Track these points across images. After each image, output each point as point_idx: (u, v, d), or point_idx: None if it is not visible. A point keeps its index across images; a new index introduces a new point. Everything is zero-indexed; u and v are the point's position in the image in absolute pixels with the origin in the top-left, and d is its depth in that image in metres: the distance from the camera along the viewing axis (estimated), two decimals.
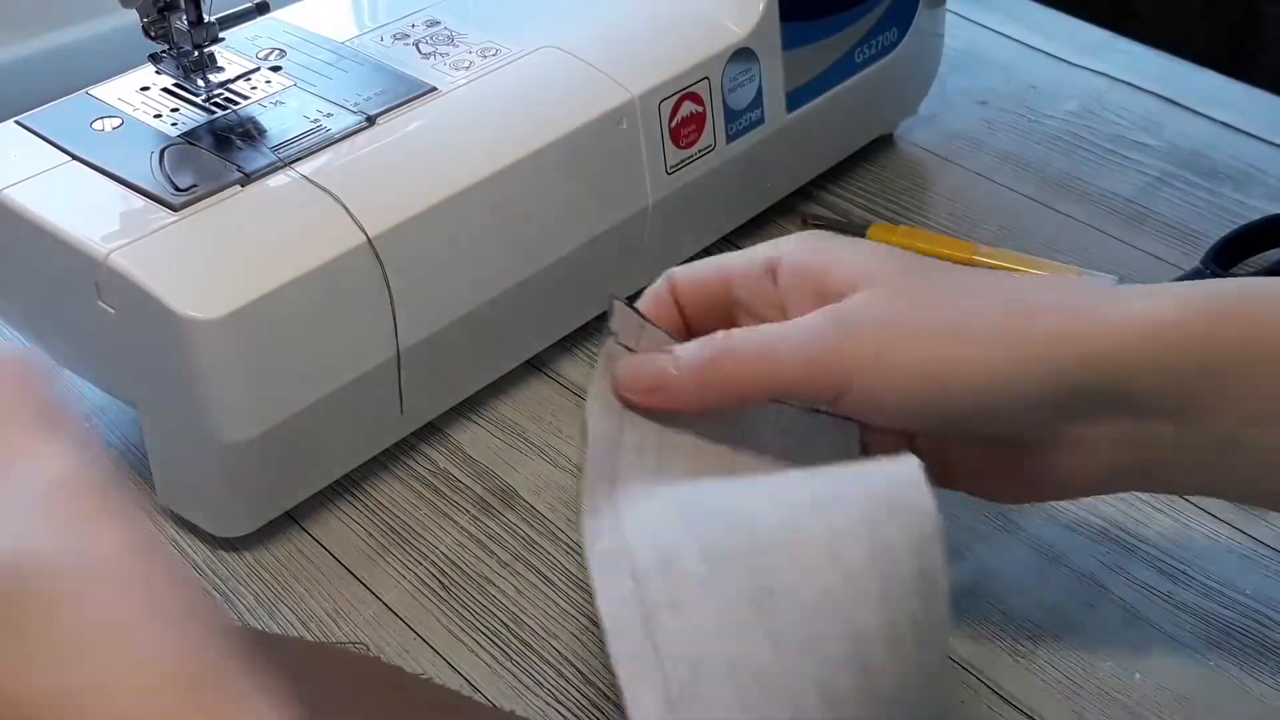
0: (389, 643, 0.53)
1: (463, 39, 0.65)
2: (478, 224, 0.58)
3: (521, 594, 0.54)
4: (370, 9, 0.68)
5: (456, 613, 0.54)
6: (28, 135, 0.58)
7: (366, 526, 0.58)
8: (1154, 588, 0.53)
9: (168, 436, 0.55)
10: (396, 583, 0.55)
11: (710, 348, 0.47)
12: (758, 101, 0.68)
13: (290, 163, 0.56)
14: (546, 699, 0.50)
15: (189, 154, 0.57)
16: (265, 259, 0.53)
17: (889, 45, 0.74)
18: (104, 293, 0.53)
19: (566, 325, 0.65)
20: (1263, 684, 0.50)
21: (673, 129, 0.65)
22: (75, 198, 0.55)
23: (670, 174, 0.65)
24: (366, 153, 0.58)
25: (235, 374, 0.52)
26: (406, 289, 0.56)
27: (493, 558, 0.56)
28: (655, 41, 0.66)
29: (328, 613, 0.54)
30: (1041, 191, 0.76)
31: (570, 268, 0.62)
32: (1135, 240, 0.72)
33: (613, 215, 0.63)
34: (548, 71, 0.63)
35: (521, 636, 0.53)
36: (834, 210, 0.75)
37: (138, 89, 0.61)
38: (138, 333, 0.53)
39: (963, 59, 0.86)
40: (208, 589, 0.55)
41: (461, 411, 0.62)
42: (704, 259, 0.51)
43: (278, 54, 0.63)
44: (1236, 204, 0.74)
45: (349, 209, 0.55)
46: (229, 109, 0.60)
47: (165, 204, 0.54)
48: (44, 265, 0.55)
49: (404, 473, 0.60)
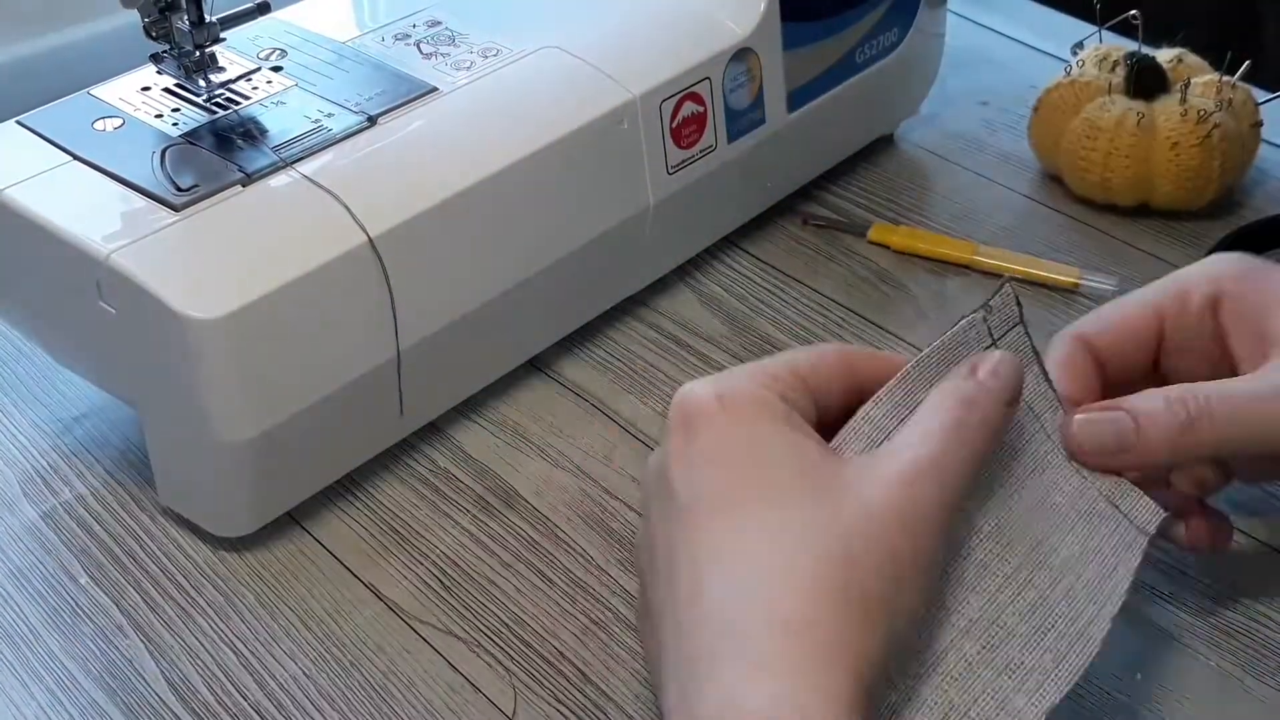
0: (389, 643, 0.53)
1: (464, 39, 0.65)
2: (478, 224, 0.58)
3: (521, 594, 0.54)
4: (371, 9, 0.68)
5: (456, 613, 0.54)
6: (29, 135, 0.58)
7: (367, 526, 0.58)
8: (1155, 588, 0.53)
9: (168, 436, 0.55)
10: (397, 583, 0.55)
11: (1187, 408, 0.45)
12: (758, 101, 0.68)
13: (291, 163, 0.56)
14: (546, 699, 0.50)
15: (190, 154, 0.57)
16: (266, 259, 0.53)
17: (890, 45, 0.74)
18: (105, 293, 0.53)
19: (566, 325, 0.65)
20: (1263, 684, 0.50)
21: (673, 129, 0.65)
22: (76, 198, 0.55)
23: (671, 174, 0.65)
24: (368, 153, 0.58)
25: (236, 374, 0.52)
26: (407, 289, 0.56)
27: (493, 558, 0.56)
28: (656, 41, 0.66)
29: (328, 613, 0.54)
30: (1041, 191, 0.76)
31: (570, 268, 0.62)
32: (1135, 240, 0.72)
33: (613, 215, 0.63)
34: (549, 72, 0.63)
35: (521, 636, 0.53)
36: (834, 210, 0.75)
37: (139, 89, 0.61)
38: (138, 333, 0.53)
39: (963, 59, 0.86)
40: (209, 588, 0.55)
41: (461, 411, 0.62)
42: (1104, 306, 0.51)
43: (279, 54, 0.63)
44: (1237, 204, 0.75)
45: (350, 209, 0.55)
46: (230, 109, 0.60)
47: (166, 204, 0.54)
48: (45, 265, 0.55)
49: (404, 473, 0.60)
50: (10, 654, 0.53)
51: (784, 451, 0.41)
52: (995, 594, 0.44)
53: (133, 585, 0.55)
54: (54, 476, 0.60)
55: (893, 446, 0.42)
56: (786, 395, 0.43)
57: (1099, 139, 0.71)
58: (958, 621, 0.43)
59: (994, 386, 0.44)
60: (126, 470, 0.60)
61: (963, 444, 0.42)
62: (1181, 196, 0.72)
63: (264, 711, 0.50)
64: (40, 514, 0.59)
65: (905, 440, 0.42)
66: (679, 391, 0.43)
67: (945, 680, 0.42)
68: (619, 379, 0.64)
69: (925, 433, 0.42)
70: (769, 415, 0.42)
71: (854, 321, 0.68)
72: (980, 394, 0.43)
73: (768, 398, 0.42)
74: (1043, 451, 0.46)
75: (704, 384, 0.43)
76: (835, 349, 0.46)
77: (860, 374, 0.45)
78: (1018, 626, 0.43)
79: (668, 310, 0.68)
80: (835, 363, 0.45)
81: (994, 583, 0.44)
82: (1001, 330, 0.46)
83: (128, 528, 0.58)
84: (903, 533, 0.40)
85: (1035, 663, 0.43)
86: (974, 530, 0.44)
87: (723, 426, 0.41)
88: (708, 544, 0.40)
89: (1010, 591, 0.44)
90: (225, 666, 0.52)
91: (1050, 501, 0.46)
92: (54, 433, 0.62)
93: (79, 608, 0.54)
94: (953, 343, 0.45)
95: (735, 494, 0.40)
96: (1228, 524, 0.50)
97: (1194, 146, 0.70)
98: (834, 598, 0.38)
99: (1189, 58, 0.74)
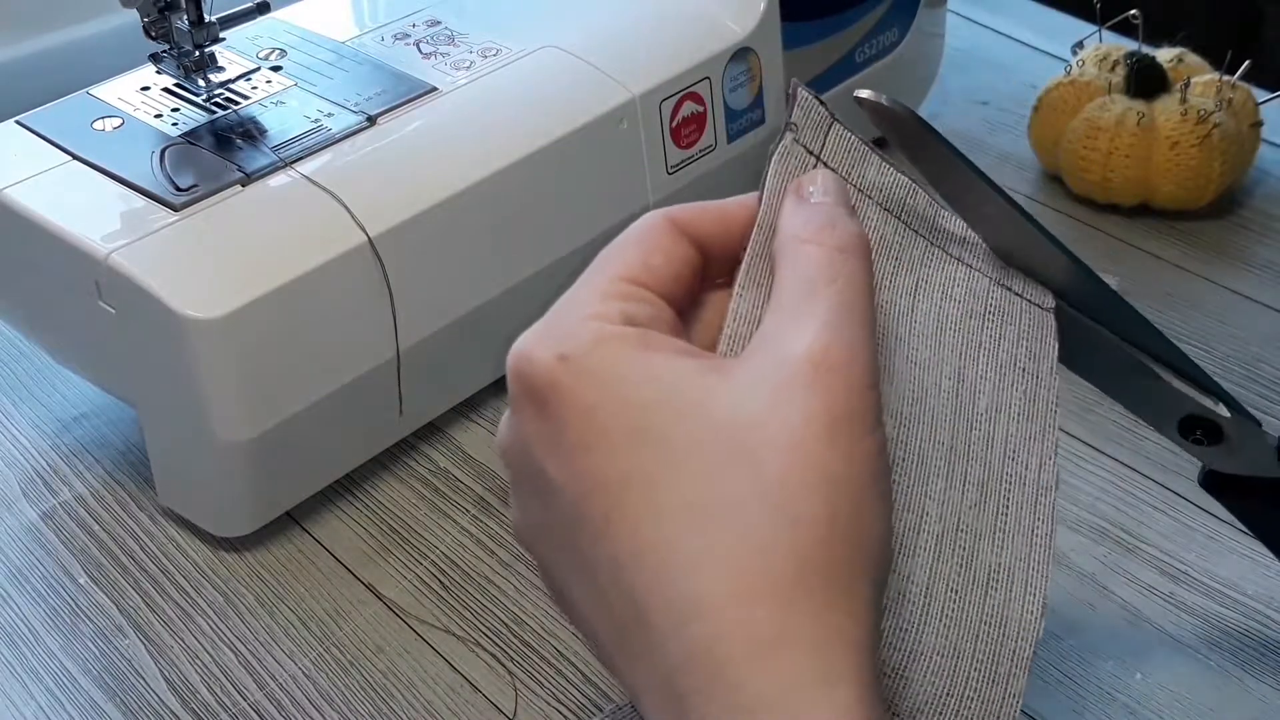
0: (389, 643, 0.53)
1: (463, 39, 0.65)
2: (478, 224, 0.58)
3: (521, 594, 0.54)
4: (371, 9, 0.68)
5: (456, 613, 0.54)
6: (28, 135, 0.58)
7: (367, 526, 0.58)
8: (1155, 588, 0.53)
9: (168, 436, 0.55)
10: (397, 583, 0.55)
11: None
12: (758, 101, 0.68)
13: (291, 163, 0.56)
14: (546, 699, 0.50)
15: (189, 154, 0.57)
16: (265, 259, 0.53)
17: (890, 45, 0.74)
18: (104, 292, 0.53)
19: None
20: (1263, 684, 0.50)
21: (673, 129, 0.65)
22: (76, 198, 0.55)
23: (671, 174, 0.65)
24: (367, 153, 0.58)
25: (235, 374, 0.52)
26: (406, 289, 0.56)
27: (493, 558, 0.56)
28: (656, 41, 0.66)
29: (328, 613, 0.54)
30: (1042, 191, 0.76)
31: (570, 268, 0.62)
32: (1136, 240, 0.72)
33: (613, 215, 0.63)
34: (548, 71, 0.63)
35: (521, 636, 0.53)
36: None
37: (138, 89, 0.61)
38: (138, 332, 0.53)
39: (963, 59, 0.86)
40: (209, 590, 0.55)
41: (461, 411, 0.62)
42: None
43: (278, 54, 0.63)
44: (1237, 204, 0.74)
45: (349, 209, 0.55)
46: (229, 109, 0.60)
47: (166, 204, 0.54)
48: (44, 265, 0.55)
49: (404, 473, 0.60)
50: (10, 654, 0.53)
51: (659, 399, 0.35)
52: (946, 492, 0.40)
53: (132, 585, 0.55)
54: (53, 476, 0.60)
55: (780, 347, 0.35)
56: (630, 315, 0.36)
57: (1099, 139, 0.71)
58: (926, 541, 0.39)
59: (832, 209, 0.38)
60: (126, 470, 0.60)
61: (847, 309, 0.36)
62: (1182, 196, 0.72)
63: (263, 712, 0.50)
64: (40, 514, 0.58)
65: (786, 337, 0.35)
66: (512, 355, 0.37)
67: (944, 623, 0.39)
68: None
69: (799, 315, 0.35)
70: (623, 357, 0.35)
71: None
72: (831, 236, 0.37)
73: (611, 333, 0.36)
74: (918, 255, 0.41)
75: (538, 342, 0.37)
76: (660, 224, 0.38)
77: (702, 239, 0.39)
78: (977, 522, 0.39)
79: None
80: (668, 243, 0.38)
81: (937, 473, 0.40)
82: (819, 142, 0.40)
83: (127, 528, 0.58)
84: (834, 452, 0.34)
85: (1011, 556, 0.40)
86: (896, 400, 0.40)
87: (579, 395, 0.35)
88: (626, 546, 0.34)
89: (958, 479, 0.40)
90: (225, 666, 0.52)
91: (946, 314, 0.41)
92: (53, 433, 0.62)
93: (78, 608, 0.54)
94: (779, 183, 0.39)
95: (632, 477, 0.34)
96: None
97: (1194, 146, 0.70)
98: (793, 562, 0.33)
99: (1189, 57, 0.74)
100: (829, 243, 0.37)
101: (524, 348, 0.37)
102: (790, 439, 0.34)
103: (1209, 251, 0.71)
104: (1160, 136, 0.70)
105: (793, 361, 0.34)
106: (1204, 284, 0.69)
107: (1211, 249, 0.72)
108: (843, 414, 0.34)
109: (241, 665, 0.52)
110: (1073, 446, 0.59)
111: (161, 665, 0.52)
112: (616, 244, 0.39)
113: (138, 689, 0.51)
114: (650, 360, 0.35)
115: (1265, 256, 0.71)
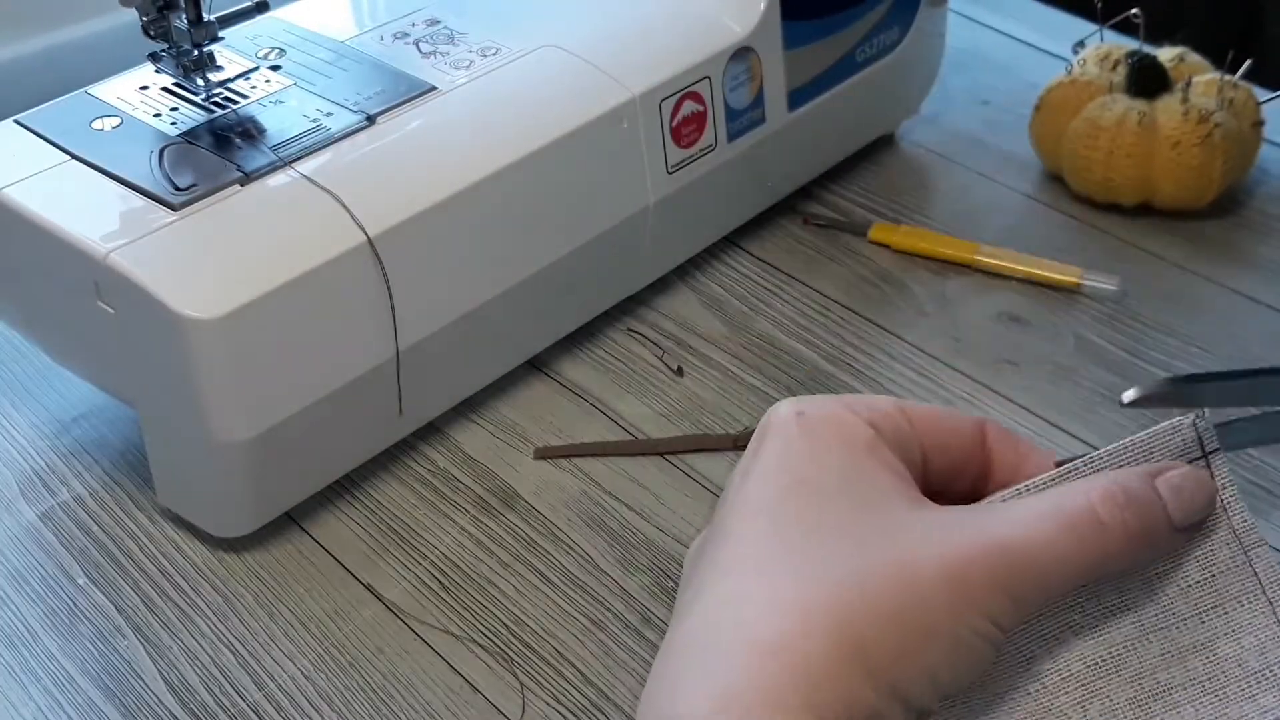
0: (388, 643, 0.53)
1: (463, 38, 0.65)
2: (478, 224, 0.58)
3: (521, 594, 0.54)
4: (370, 8, 0.68)
5: (456, 613, 0.54)
6: (27, 135, 0.58)
7: (366, 526, 0.57)
8: None
9: (167, 436, 0.55)
10: (396, 583, 0.55)
11: None
12: (759, 101, 0.68)
13: (290, 162, 0.56)
14: (546, 699, 0.50)
15: (188, 153, 0.57)
16: (265, 259, 0.53)
17: (890, 45, 0.74)
18: (103, 292, 0.53)
19: (566, 325, 0.65)
20: None
21: (673, 128, 0.65)
22: (75, 197, 0.55)
23: (671, 173, 0.65)
24: (366, 152, 0.58)
25: (234, 374, 0.52)
26: (406, 289, 0.56)
27: (493, 558, 0.56)
28: (656, 41, 0.66)
29: (327, 613, 0.54)
30: (1043, 191, 0.76)
31: (570, 268, 0.62)
32: (1137, 239, 0.72)
33: (613, 215, 0.63)
34: (548, 71, 0.63)
35: (521, 637, 0.53)
36: (835, 210, 0.75)
37: (137, 88, 0.61)
38: (137, 332, 0.53)
39: (964, 59, 0.86)
40: (207, 589, 0.55)
41: (461, 411, 0.62)
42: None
43: (277, 53, 0.63)
44: (1238, 203, 0.74)
45: (349, 209, 0.54)
46: (228, 108, 0.59)
47: (165, 203, 0.54)
48: (43, 265, 0.55)
49: (404, 473, 0.60)
50: (9, 655, 0.53)
51: (846, 475, 0.37)
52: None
53: (131, 586, 0.55)
54: (52, 477, 0.60)
55: (991, 511, 0.37)
56: (878, 424, 0.38)
57: (1100, 138, 0.71)
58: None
59: (1168, 500, 0.37)
60: (125, 470, 0.60)
61: (1078, 547, 0.35)
62: (1183, 196, 0.72)
63: (262, 712, 0.50)
64: (39, 514, 0.58)
65: (1010, 511, 0.36)
66: (770, 409, 0.40)
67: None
68: (619, 379, 0.64)
69: (1037, 513, 0.36)
70: (845, 437, 0.38)
71: (855, 321, 0.67)
72: (1145, 500, 0.36)
73: (850, 420, 0.38)
74: (1233, 589, 0.38)
75: (791, 400, 0.39)
76: (972, 419, 0.40)
77: (993, 456, 0.40)
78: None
79: (668, 310, 0.68)
80: (965, 429, 0.40)
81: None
82: (1211, 447, 0.38)
83: (126, 528, 0.58)
84: (948, 613, 0.34)
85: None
86: (1068, 657, 0.38)
87: (790, 440, 0.38)
88: (725, 554, 0.36)
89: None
90: (224, 667, 0.52)
91: (1218, 651, 0.38)
92: (52, 433, 0.62)
93: (77, 608, 0.54)
94: (1141, 445, 0.38)
95: (774, 508, 0.37)
96: None
97: (1195, 146, 0.70)
98: (824, 638, 0.33)
99: (1190, 57, 0.74)
100: (1117, 532, 0.36)
101: (780, 402, 0.40)
102: (910, 568, 0.35)
103: (1210, 251, 0.71)
104: (1161, 136, 0.70)
105: (985, 530, 0.35)
106: (1205, 284, 0.69)
107: (1213, 249, 0.71)
108: (968, 600, 0.35)
109: (240, 666, 0.52)
110: (1073, 447, 0.59)
111: (160, 666, 0.52)
112: (936, 406, 0.41)
113: (136, 689, 0.51)
114: (864, 454, 0.38)
115: (1267, 256, 0.71)
